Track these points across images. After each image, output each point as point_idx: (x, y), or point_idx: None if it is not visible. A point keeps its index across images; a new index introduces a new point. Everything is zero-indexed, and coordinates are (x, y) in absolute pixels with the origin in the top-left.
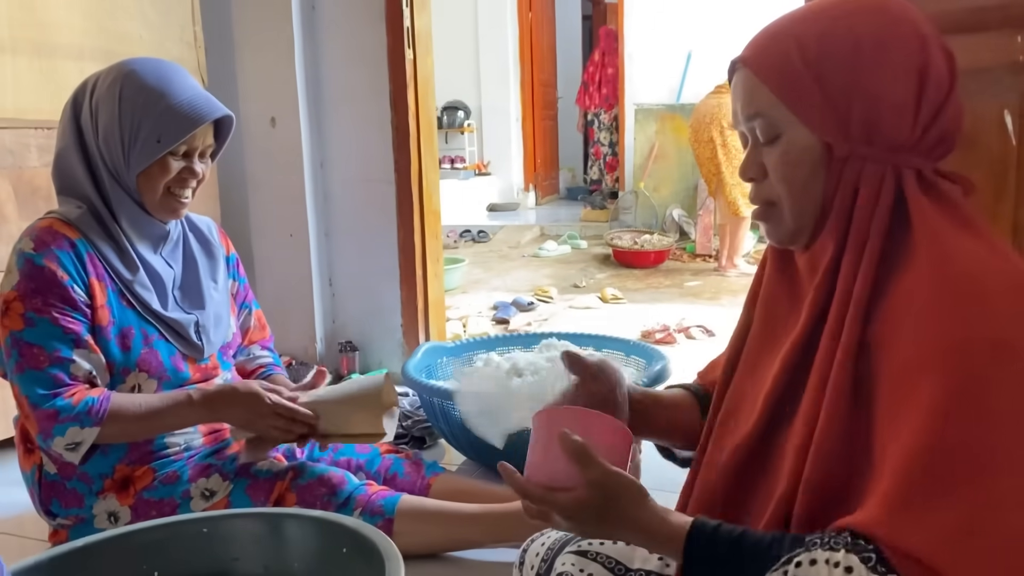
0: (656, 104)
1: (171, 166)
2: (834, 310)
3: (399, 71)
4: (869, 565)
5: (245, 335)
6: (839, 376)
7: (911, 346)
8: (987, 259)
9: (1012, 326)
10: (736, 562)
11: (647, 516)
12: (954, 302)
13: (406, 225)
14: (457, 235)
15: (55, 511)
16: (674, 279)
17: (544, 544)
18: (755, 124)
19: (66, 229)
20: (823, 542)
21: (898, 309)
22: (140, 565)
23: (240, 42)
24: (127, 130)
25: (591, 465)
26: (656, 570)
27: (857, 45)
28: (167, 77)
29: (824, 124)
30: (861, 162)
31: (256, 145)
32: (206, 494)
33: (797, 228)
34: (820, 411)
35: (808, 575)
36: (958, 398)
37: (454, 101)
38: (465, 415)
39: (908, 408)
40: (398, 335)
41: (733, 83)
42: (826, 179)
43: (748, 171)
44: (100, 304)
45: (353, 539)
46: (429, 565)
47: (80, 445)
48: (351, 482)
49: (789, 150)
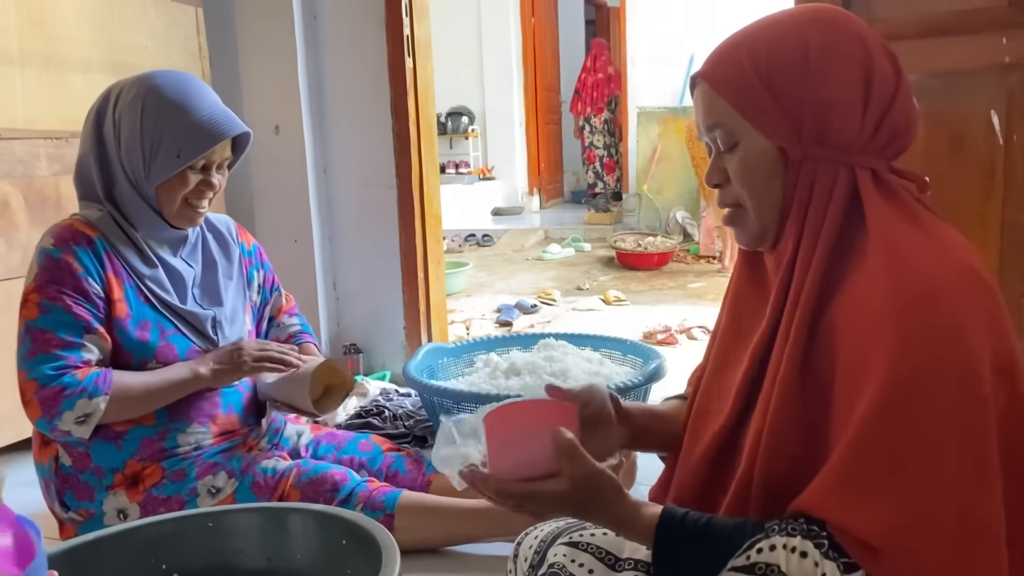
0: (659, 107)
1: (189, 179)
2: (790, 301)
3: (399, 78)
4: (822, 551)
5: (278, 314)
6: (790, 362)
7: (863, 336)
8: (933, 254)
9: (954, 314)
10: (703, 548)
11: (621, 509)
12: (900, 295)
13: (407, 229)
14: (462, 239)
15: (68, 503)
16: (677, 281)
17: (537, 537)
18: (715, 134)
19: (86, 228)
20: (780, 528)
21: (851, 303)
22: (148, 559)
23: (244, 52)
24: (148, 144)
25: (579, 461)
26: (645, 559)
27: (804, 54)
28: (189, 92)
29: (777, 130)
30: (815, 163)
31: (261, 153)
32: (212, 491)
33: (761, 229)
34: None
35: (768, 560)
36: (903, 385)
37: (458, 106)
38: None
39: (859, 395)
40: (401, 337)
41: (695, 97)
42: (784, 181)
43: (712, 178)
44: (118, 298)
45: (352, 532)
46: (428, 559)
47: (90, 417)
48: (353, 479)
49: (747, 156)
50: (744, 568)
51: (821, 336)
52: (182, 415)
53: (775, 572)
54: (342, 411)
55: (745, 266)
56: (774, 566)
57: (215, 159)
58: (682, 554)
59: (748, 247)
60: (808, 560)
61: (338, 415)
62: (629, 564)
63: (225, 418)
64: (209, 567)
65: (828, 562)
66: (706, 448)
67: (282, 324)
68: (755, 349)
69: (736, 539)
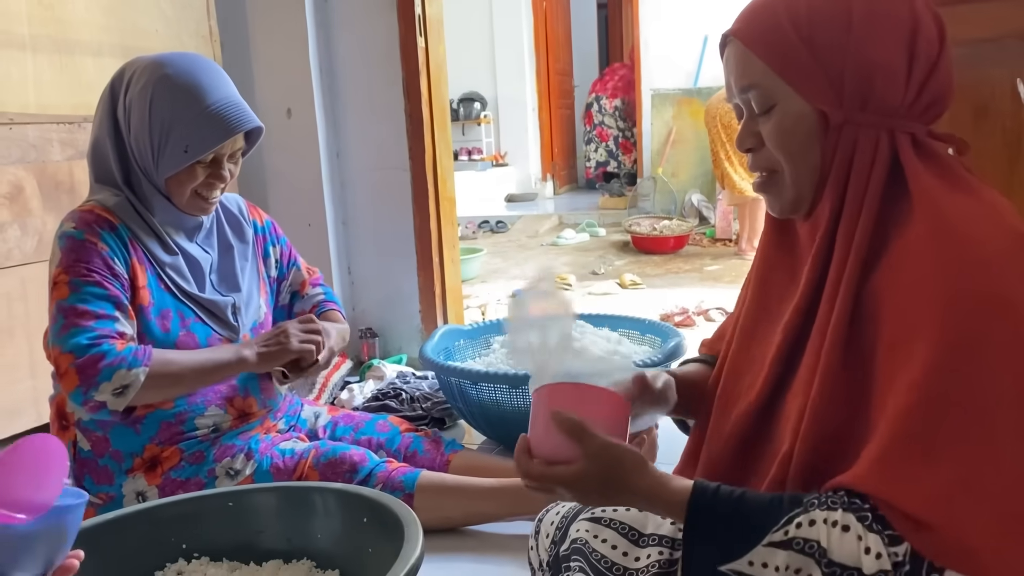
0: (673, 89)
1: (198, 173)
2: (832, 272)
3: (411, 59)
4: (866, 524)
5: (303, 287)
6: (835, 335)
7: (909, 305)
8: (982, 218)
9: (1006, 282)
10: (737, 523)
11: (648, 482)
12: (950, 261)
13: (422, 212)
14: (476, 226)
15: (87, 487)
16: (693, 264)
17: (559, 513)
18: (749, 96)
19: (107, 214)
20: (820, 502)
21: (896, 270)
22: (168, 538)
23: (255, 35)
24: (156, 137)
25: (587, 438)
26: (669, 535)
27: (848, 12)
28: (199, 83)
29: (818, 92)
30: (856, 128)
31: (273, 137)
32: (231, 473)
33: (797, 196)
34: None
35: (808, 535)
36: (953, 354)
37: (470, 92)
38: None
39: (905, 365)
40: (416, 321)
41: (725, 57)
42: (823, 146)
43: (745, 142)
44: (141, 285)
45: (373, 509)
46: (448, 538)
47: (128, 389)
48: (372, 459)
49: (784, 119)
50: (781, 543)
51: (863, 307)
52: (200, 398)
53: (814, 548)
54: (359, 394)
55: (774, 237)
56: (813, 542)
57: (225, 152)
58: (716, 528)
59: (781, 215)
60: (851, 534)
61: (355, 398)
62: (653, 540)
63: (242, 400)
64: (229, 546)
65: (872, 535)
66: (738, 423)
67: (307, 295)
68: (790, 322)
69: (773, 513)
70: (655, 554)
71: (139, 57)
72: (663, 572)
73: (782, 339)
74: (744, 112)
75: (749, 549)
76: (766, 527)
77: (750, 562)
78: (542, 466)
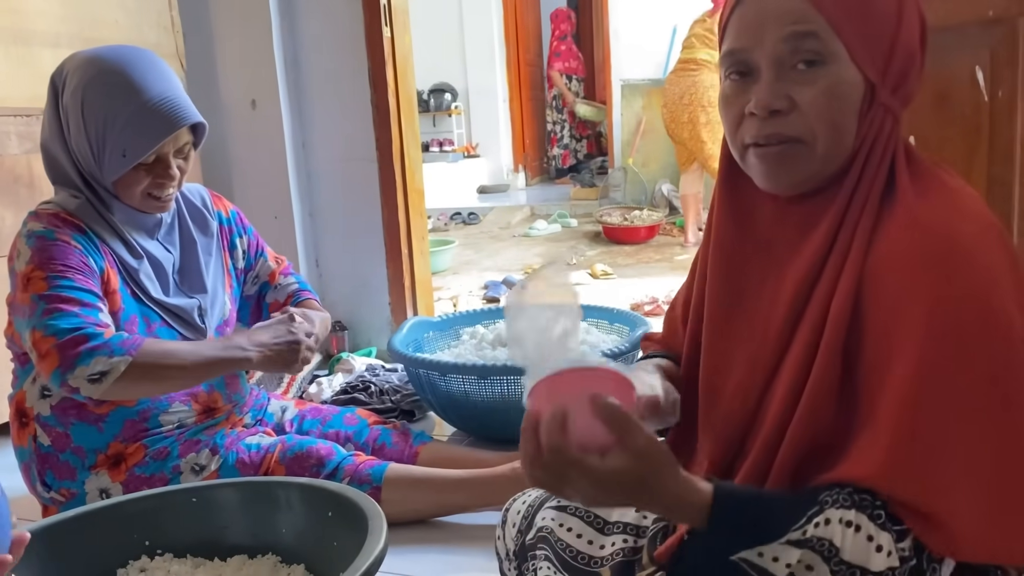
0: (643, 79)
1: (142, 176)
2: (831, 266)
3: (377, 49)
4: (878, 522)
5: (272, 277)
6: (833, 335)
7: (894, 302)
8: (955, 209)
9: (984, 270)
10: (762, 524)
11: (679, 486)
12: (932, 259)
13: (390, 204)
14: (447, 218)
15: (49, 483)
16: (664, 253)
17: (525, 502)
18: (800, 44)
19: (72, 218)
20: (832, 500)
21: (880, 267)
22: (131, 535)
23: (218, 25)
24: (93, 142)
25: (634, 432)
26: (634, 522)
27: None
28: (131, 82)
29: (872, 61)
30: (884, 111)
31: (237, 128)
32: (196, 468)
33: (819, 171)
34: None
35: (823, 534)
36: (941, 348)
37: (440, 83)
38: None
39: (895, 360)
40: (386, 313)
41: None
42: (859, 122)
43: (778, 101)
44: (114, 289)
45: (337, 503)
46: (416, 530)
47: (106, 376)
48: (339, 453)
49: (838, 84)
50: (799, 542)
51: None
52: (163, 394)
53: (825, 546)
54: (328, 387)
55: (735, 221)
56: (826, 540)
57: (168, 150)
58: (737, 529)
59: (786, 191)
60: (862, 534)
61: (324, 391)
62: (618, 527)
63: (208, 396)
64: (193, 543)
65: (884, 533)
66: (732, 420)
67: (279, 286)
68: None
69: (793, 513)
70: (619, 542)
71: (77, 53)
72: (627, 560)
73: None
74: (761, 71)
75: (766, 544)
76: (786, 527)
77: (760, 553)
78: (576, 451)
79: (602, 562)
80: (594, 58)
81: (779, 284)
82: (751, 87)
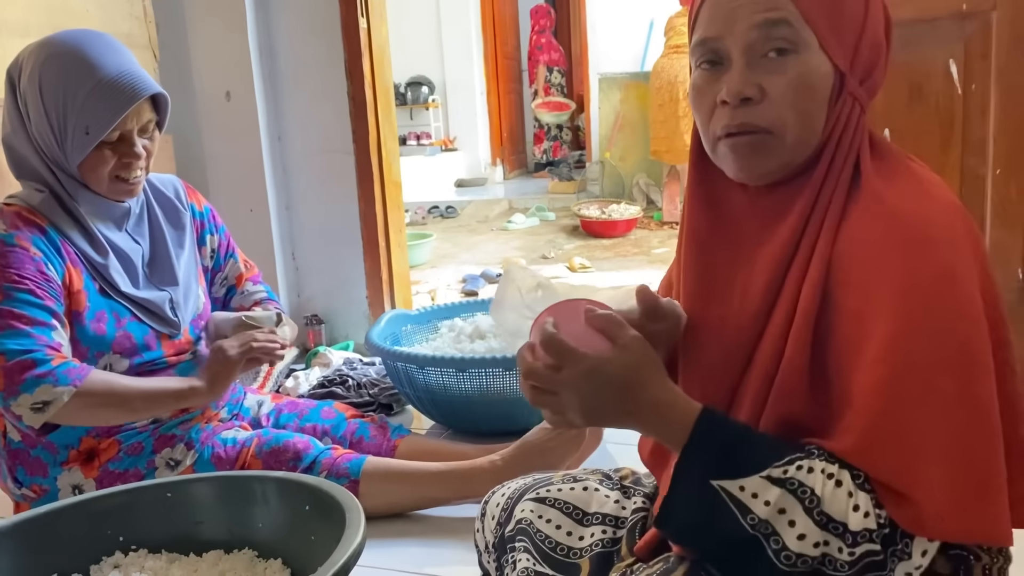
0: (620, 73)
1: (107, 155)
2: (801, 255)
3: (353, 41)
4: (858, 482)
5: (239, 281)
6: (803, 322)
7: (864, 286)
8: (921, 194)
9: (951, 253)
10: (742, 450)
11: (666, 391)
12: (899, 243)
13: (367, 196)
14: (425, 211)
15: (20, 479)
16: (642, 247)
17: (504, 495)
18: (773, 32)
19: (34, 217)
20: (820, 453)
21: (849, 252)
22: (104, 531)
23: (191, 15)
24: (55, 124)
25: (621, 329)
26: (612, 513)
27: None
28: (87, 59)
29: (843, 52)
30: (852, 102)
31: (212, 120)
32: (171, 464)
33: (789, 161)
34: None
35: (804, 479)
36: (910, 330)
37: (418, 76)
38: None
39: (867, 342)
40: (364, 307)
41: None
42: (828, 112)
43: (748, 89)
44: (78, 289)
45: (314, 496)
46: (395, 523)
47: (48, 406)
48: (316, 447)
49: (808, 74)
50: (777, 479)
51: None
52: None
53: (807, 493)
54: (305, 381)
55: (706, 212)
56: (808, 488)
57: (132, 126)
58: (718, 450)
59: (756, 181)
60: (842, 489)
61: (301, 385)
62: (596, 518)
63: None
64: (168, 538)
65: (862, 493)
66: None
67: (245, 292)
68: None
69: (777, 450)
70: (599, 532)
71: (30, 44)
72: (606, 550)
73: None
74: (732, 59)
75: (746, 475)
76: (768, 461)
77: (741, 487)
78: (570, 347)
79: (581, 553)
80: (572, 52)
81: (750, 273)
82: (722, 76)
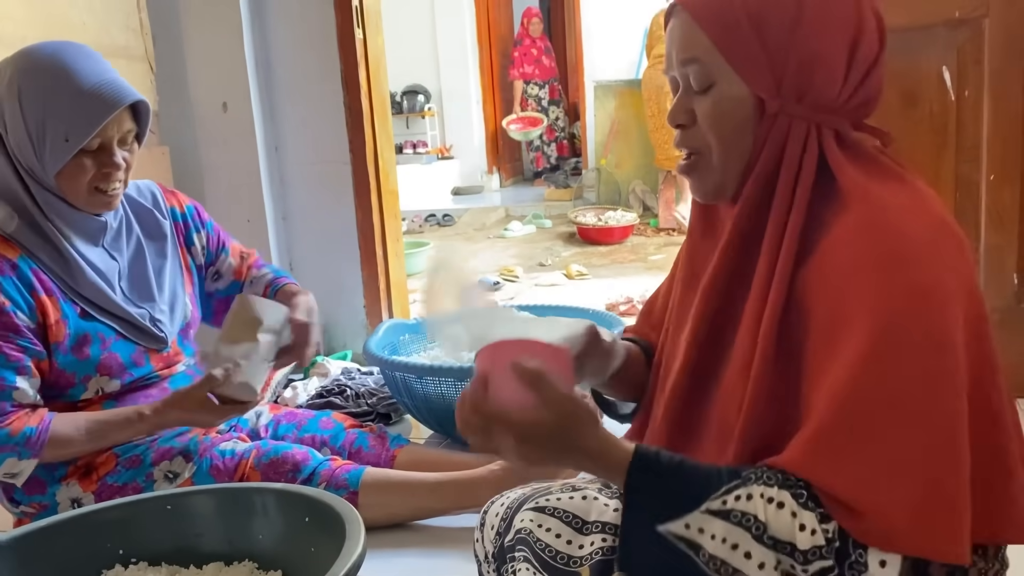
0: (615, 80)
1: (87, 165)
2: (763, 264)
3: (349, 51)
4: (800, 501)
5: (240, 274)
6: (768, 329)
7: (840, 296)
8: (908, 210)
9: (929, 271)
10: (675, 486)
11: (598, 440)
12: (880, 255)
13: (364, 206)
14: (422, 220)
15: (18, 498)
16: (638, 253)
17: (504, 504)
18: (689, 70)
19: (5, 248)
20: (757, 476)
21: (827, 262)
22: (104, 544)
23: (188, 27)
24: (33, 132)
25: (547, 387)
26: (612, 521)
27: (799, 2)
28: (66, 67)
29: (759, 77)
30: (789, 119)
31: (209, 131)
32: (169, 476)
33: (722, 181)
34: (751, 368)
35: (745, 508)
36: (880, 346)
37: (414, 85)
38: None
39: (837, 355)
40: (361, 316)
41: (670, 27)
42: (755, 133)
43: (677, 117)
44: (54, 320)
45: (314, 508)
46: (394, 534)
47: (18, 476)
48: (315, 458)
49: (721, 101)
50: (719, 512)
51: (795, 297)
52: (132, 404)
53: (751, 522)
54: (303, 392)
55: (699, 223)
56: (751, 515)
57: (112, 135)
58: (654, 490)
59: (704, 199)
60: (785, 510)
61: (299, 396)
62: (596, 527)
63: None
64: (169, 550)
65: (807, 512)
66: (667, 409)
67: (253, 279)
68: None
69: (712, 481)
70: (598, 541)
71: (11, 55)
72: (606, 559)
73: (696, 322)
74: (680, 86)
75: (688, 512)
76: (704, 494)
77: (686, 524)
78: (497, 409)
79: (581, 561)
80: (567, 59)
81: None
82: None
